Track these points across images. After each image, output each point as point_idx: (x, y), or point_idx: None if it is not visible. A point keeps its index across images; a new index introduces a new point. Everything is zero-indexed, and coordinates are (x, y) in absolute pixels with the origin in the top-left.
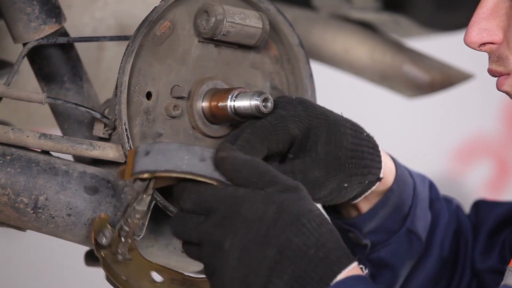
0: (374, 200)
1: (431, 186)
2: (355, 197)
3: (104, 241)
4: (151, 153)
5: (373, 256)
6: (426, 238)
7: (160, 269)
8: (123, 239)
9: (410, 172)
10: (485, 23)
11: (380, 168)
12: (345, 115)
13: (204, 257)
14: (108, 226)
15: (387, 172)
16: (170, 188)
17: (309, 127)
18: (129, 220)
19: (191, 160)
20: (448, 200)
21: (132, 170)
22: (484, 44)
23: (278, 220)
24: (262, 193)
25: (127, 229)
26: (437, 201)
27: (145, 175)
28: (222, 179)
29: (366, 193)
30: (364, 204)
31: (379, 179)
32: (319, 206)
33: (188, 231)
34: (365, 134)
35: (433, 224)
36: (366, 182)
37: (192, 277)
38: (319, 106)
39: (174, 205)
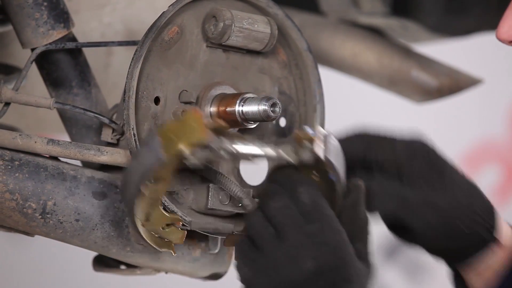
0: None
1: None
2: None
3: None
4: (336, 152)
5: None
6: None
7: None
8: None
9: None
10: None
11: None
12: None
13: (272, 248)
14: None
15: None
16: None
17: None
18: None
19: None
20: None
21: (324, 151)
22: None
23: None
24: (361, 266)
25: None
26: None
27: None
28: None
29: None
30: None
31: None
32: None
33: (285, 214)
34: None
35: None
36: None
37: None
38: None
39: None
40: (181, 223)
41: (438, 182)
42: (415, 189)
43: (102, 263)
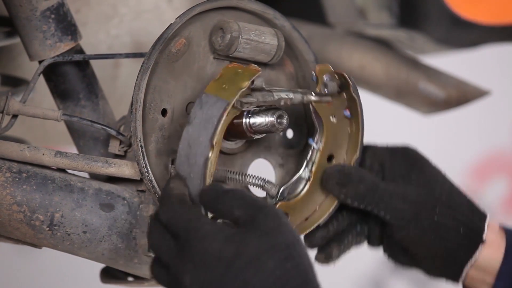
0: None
1: None
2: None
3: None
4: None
5: None
6: None
7: None
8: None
9: None
10: None
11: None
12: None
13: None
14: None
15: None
16: None
17: None
18: None
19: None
20: None
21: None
22: None
23: (235, 262)
24: (226, 232)
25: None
26: None
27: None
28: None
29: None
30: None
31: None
32: None
33: (161, 249)
34: None
35: None
36: None
37: None
38: None
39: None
40: None
41: (416, 178)
42: (390, 182)
43: (110, 275)
